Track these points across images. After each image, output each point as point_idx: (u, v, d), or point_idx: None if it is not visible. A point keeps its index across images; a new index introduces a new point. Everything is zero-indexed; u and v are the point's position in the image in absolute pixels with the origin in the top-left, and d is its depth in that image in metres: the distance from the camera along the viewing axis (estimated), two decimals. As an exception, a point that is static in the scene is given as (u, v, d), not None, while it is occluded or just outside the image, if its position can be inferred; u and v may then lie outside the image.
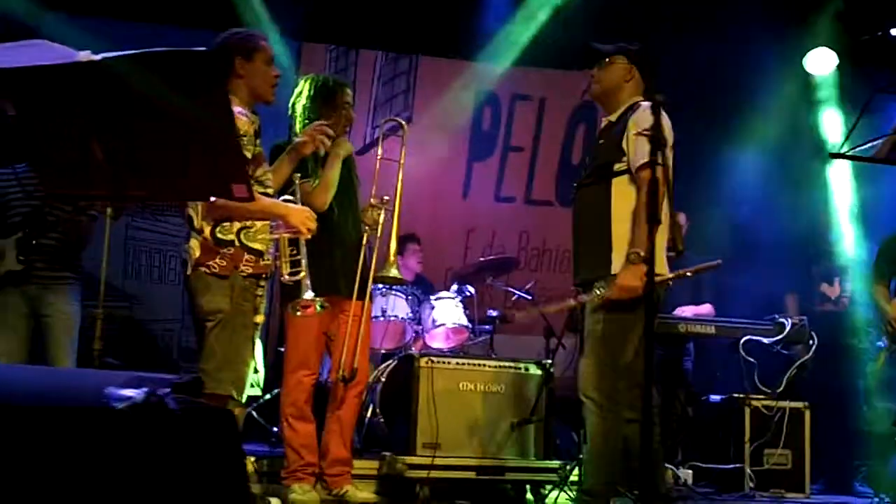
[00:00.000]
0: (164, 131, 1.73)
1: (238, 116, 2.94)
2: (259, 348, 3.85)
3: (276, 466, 4.19)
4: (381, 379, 4.88)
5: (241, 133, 3.00)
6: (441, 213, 7.01)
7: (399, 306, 5.34)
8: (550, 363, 4.72)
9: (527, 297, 5.89)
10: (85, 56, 1.68)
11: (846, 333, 5.65)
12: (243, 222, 3.17)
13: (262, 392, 5.17)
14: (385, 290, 5.22)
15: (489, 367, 4.61)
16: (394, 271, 3.87)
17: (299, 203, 3.36)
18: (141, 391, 1.01)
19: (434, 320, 5.37)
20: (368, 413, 4.85)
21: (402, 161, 3.95)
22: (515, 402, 4.56)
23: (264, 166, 3.34)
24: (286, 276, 3.31)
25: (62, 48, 1.70)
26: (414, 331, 5.46)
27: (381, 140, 4.10)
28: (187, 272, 3.17)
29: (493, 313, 5.62)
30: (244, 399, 3.21)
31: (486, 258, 6.29)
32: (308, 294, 3.28)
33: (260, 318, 3.27)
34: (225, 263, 3.13)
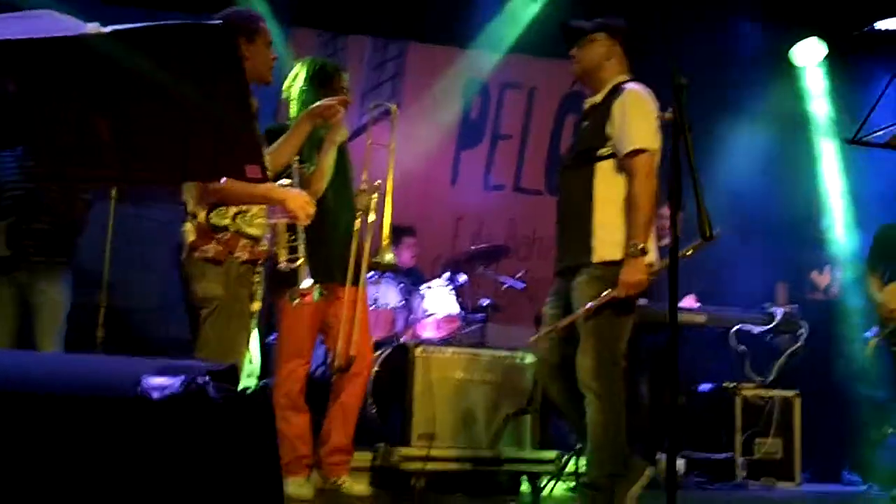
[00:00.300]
0: (176, 109, 1.64)
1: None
2: (255, 337, 3.76)
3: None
4: (373, 369, 4.81)
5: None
6: (429, 201, 6.93)
7: (390, 295, 5.28)
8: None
9: (518, 285, 5.85)
10: (93, 28, 1.58)
11: (836, 322, 5.68)
12: (239, 206, 3.08)
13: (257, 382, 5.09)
14: (376, 276, 5.15)
15: (484, 356, 4.56)
16: (388, 256, 3.81)
17: (297, 188, 3.29)
18: (178, 380, 0.95)
19: (425, 310, 5.32)
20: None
21: (392, 146, 3.89)
22: (511, 392, 4.52)
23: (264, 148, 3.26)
24: (283, 262, 3.23)
25: (69, 19, 1.60)
26: (405, 320, 5.40)
27: (370, 125, 4.03)
28: (182, 257, 3.09)
29: (485, 302, 5.57)
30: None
31: (476, 247, 6.23)
32: (307, 281, 3.21)
33: (257, 306, 3.18)
34: (220, 248, 3.04)
